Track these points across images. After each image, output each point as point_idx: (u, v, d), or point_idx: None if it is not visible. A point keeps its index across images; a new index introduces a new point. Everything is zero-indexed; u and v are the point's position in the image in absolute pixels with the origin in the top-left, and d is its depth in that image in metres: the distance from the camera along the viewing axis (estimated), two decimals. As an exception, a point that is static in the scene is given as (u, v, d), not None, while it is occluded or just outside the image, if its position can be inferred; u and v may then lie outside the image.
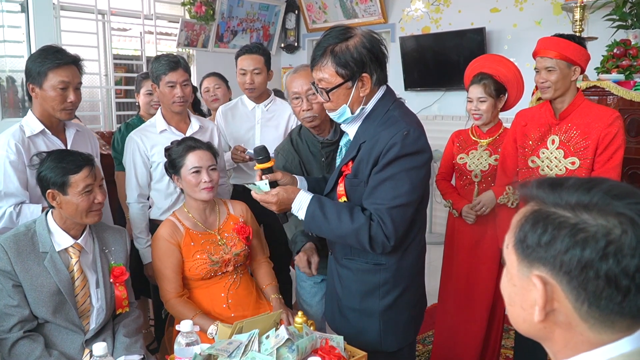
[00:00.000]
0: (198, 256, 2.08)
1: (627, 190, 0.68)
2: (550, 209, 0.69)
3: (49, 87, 1.94)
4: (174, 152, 2.13)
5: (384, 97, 1.59)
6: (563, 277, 0.66)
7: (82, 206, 1.74)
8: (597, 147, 2.05)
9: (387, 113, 1.55)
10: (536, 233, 0.69)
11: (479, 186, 2.51)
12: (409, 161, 1.48)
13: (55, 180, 1.73)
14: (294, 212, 1.58)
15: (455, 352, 2.59)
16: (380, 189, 1.50)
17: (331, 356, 1.52)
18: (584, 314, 0.66)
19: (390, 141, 1.48)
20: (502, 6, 4.74)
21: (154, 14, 5.42)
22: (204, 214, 2.18)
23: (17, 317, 1.69)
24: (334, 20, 5.98)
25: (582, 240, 0.65)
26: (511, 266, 0.74)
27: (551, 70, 2.07)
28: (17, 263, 1.69)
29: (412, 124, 1.51)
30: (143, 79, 3.10)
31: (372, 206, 1.51)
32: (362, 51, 1.48)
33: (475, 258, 2.49)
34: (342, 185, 1.60)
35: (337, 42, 1.50)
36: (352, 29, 1.52)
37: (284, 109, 2.85)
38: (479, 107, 2.44)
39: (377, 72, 1.53)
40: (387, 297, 1.63)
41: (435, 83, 5.21)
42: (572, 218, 0.66)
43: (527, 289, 0.71)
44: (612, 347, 0.67)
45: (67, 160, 1.74)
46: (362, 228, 1.49)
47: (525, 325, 0.73)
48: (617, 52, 3.09)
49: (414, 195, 1.52)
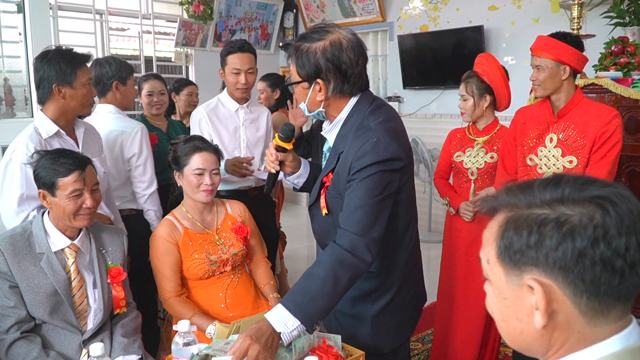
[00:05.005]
0: (196, 256, 2.08)
1: (591, 178, 0.69)
2: (525, 211, 0.68)
3: (80, 85, 2.03)
4: (180, 149, 2.13)
5: (358, 104, 1.53)
6: (558, 273, 0.65)
7: (68, 209, 1.72)
8: (594, 145, 2.05)
9: (362, 122, 1.50)
10: (522, 236, 0.67)
11: (475, 184, 2.51)
12: (382, 166, 1.43)
13: (45, 181, 1.72)
14: (283, 331, 1.37)
15: (455, 350, 2.59)
16: (354, 215, 1.43)
17: (329, 355, 1.52)
18: (584, 307, 0.66)
19: (359, 151, 1.44)
20: (500, 4, 4.74)
21: (152, 13, 5.42)
22: (202, 213, 2.17)
23: (14, 318, 1.68)
24: (332, 19, 5.98)
25: (569, 231, 0.64)
26: (498, 280, 0.72)
27: (540, 69, 2.10)
28: (14, 264, 1.69)
29: (381, 131, 1.46)
30: (143, 81, 3.14)
31: (344, 228, 1.44)
32: (319, 58, 1.44)
33: (473, 256, 2.50)
34: (323, 197, 1.57)
35: (305, 42, 1.47)
36: (329, 31, 1.46)
37: (262, 109, 2.82)
38: (462, 104, 2.49)
39: (336, 82, 1.47)
40: (378, 302, 1.62)
41: (433, 81, 5.21)
42: (552, 213, 0.66)
43: (520, 298, 0.69)
44: (602, 345, 0.66)
45: (59, 162, 1.73)
46: (335, 253, 1.41)
47: (523, 336, 0.71)
48: (615, 49, 3.09)
49: (384, 220, 1.45)
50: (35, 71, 2.04)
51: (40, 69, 2.01)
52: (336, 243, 1.43)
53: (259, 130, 2.76)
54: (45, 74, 2.00)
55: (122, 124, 2.54)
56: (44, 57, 2.03)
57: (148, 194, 2.55)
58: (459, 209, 2.50)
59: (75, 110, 2.09)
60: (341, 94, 1.50)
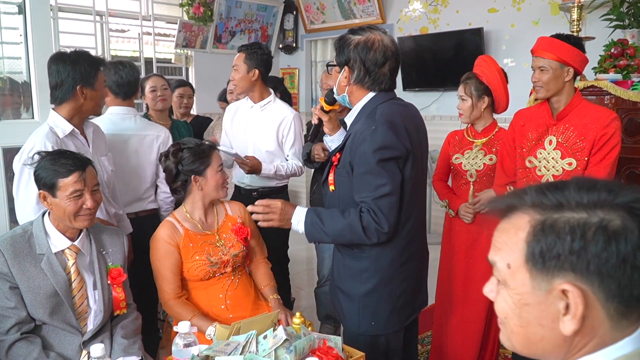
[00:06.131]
0: (197, 257, 2.08)
1: (620, 184, 0.68)
2: (556, 214, 0.66)
3: (99, 87, 2.17)
4: (198, 151, 2.12)
5: (375, 98, 1.72)
6: (595, 278, 0.64)
7: (69, 210, 1.73)
8: (593, 147, 2.05)
9: (372, 112, 1.69)
10: (565, 241, 0.65)
11: (474, 186, 2.51)
12: (379, 154, 1.60)
13: (45, 182, 1.73)
14: (294, 226, 1.73)
15: (454, 352, 2.59)
16: (362, 183, 1.64)
17: (329, 357, 1.52)
18: (612, 311, 0.65)
19: (361, 136, 1.64)
20: (499, 6, 4.75)
21: (152, 15, 5.42)
22: (203, 215, 2.18)
23: (14, 319, 1.68)
24: (332, 21, 5.99)
25: (613, 235, 0.63)
26: (520, 285, 0.69)
27: (543, 70, 2.07)
28: (14, 265, 1.69)
29: (382, 121, 1.63)
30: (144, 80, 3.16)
31: (359, 200, 1.65)
32: (352, 49, 1.68)
33: (472, 258, 2.50)
34: (332, 175, 1.77)
35: (349, 35, 1.71)
36: (371, 32, 1.69)
37: (278, 113, 2.78)
38: (460, 105, 2.49)
39: (358, 73, 1.69)
40: (366, 284, 1.74)
41: (433, 83, 5.22)
42: (590, 217, 0.64)
43: (546, 304, 0.67)
44: (614, 348, 0.66)
45: (59, 163, 1.73)
46: (354, 220, 1.62)
47: (543, 343, 0.69)
48: (615, 51, 3.10)
49: (393, 185, 1.62)
50: (55, 72, 2.06)
51: (62, 70, 2.04)
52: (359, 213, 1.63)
53: (267, 129, 2.78)
54: (70, 75, 2.04)
55: (152, 127, 2.65)
56: (64, 58, 2.06)
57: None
58: (458, 211, 2.51)
59: (90, 110, 2.17)
60: (361, 84, 1.72)
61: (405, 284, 1.78)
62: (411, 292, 1.81)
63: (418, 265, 1.84)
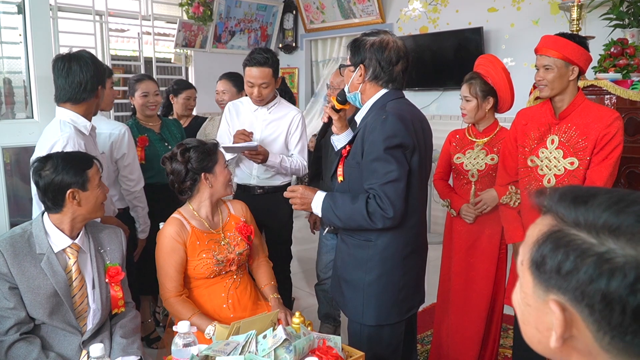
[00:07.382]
0: (204, 255, 2.08)
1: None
2: (571, 230, 0.62)
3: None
4: (205, 149, 2.13)
5: (386, 95, 1.80)
6: (584, 308, 0.59)
7: (100, 198, 1.82)
8: (595, 147, 2.04)
9: (383, 106, 1.76)
10: (556, 259, 0.62)
11: (475, 185, 2.51)
12: (388, 141, 1.66)
13: (76, 179, 1.74)
14: (314, 209, 1.82)
15: (454, 351, 2.58)
16: (371, 171, 1.70)
17: (328, 356, 1.52)
18: (606, 345, 0.60)
19: (371, 126, 1.71)
20: (499, 6, 4.75)
21: (152, 14, 5.42)
22: (210, 213, 2.18)
23: (14, 320, 1.68)
24: (332, 21, 5.99)
25: (609, 271, 0.57)
26: (526, 285, 0.67)
27: (548, 69, 2.05)
28: (14, 265, 1.68)
29: (392, 112, 1.70)
30: (136, 82, 3.10)
31: (367, 187, 1.71)
32: (367, 48, 1.77)
33: (473, 257, 2.50)
34: (341, 167, 1.84)
35: (363, 37, 1.81)
36: (383, 34, 1.80)
37: (287, 113, 2.78)
38: (464, 105, 2.46)
39: (374, 70, 1.78)
40: (371, 273, 1.79)
41: (433, 83, 5.21)
42: (597, 245, 0.59)
43: (542, 312, 0.65)
44: None
45: (76, 159, 1.78)
46: (361, 206, 1.69)
47: (541, 346, 0.68)
48: (615, 51, 3.10)
49: (400, 171, 1.68)
50: (78, 72, 2.06)
51: (86, 70, 2.06)
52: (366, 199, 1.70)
53: (277, 130, 2.77)
54: (95, 75, 2.09)
55: (108, 125, 2.60)
56: (84, 59, 2.07)
57: (137, 191, 2.68)
58: (460, 211, 2.50)
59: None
60: (375, 81, 1.80)
61: (406, 277, 1.82)
62: (412, 286, 1.86)
63: (419, 261, 1.90)
